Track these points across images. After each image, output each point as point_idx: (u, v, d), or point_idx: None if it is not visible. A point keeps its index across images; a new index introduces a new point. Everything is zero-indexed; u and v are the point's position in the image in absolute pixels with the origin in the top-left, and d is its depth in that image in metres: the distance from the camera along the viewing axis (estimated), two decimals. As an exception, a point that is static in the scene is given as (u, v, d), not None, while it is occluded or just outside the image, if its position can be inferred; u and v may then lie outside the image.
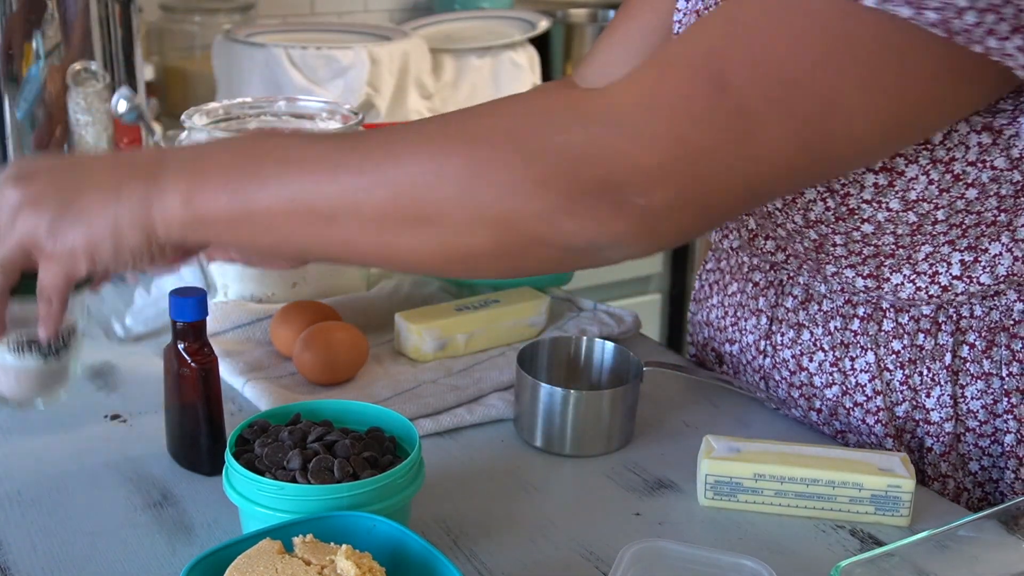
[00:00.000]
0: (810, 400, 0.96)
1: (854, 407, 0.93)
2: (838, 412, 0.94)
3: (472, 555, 0.80)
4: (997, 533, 0.79)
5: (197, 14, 2.18)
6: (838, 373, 0.93)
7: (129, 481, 0.88)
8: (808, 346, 0.95)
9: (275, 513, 0.73)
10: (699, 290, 1.10)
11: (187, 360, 0.86)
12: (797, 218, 0.85)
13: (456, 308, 1.09)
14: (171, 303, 0.86)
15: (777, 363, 0.97)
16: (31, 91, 1.13)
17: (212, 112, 1.18)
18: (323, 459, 0.76)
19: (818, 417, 0.96)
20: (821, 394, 0.95)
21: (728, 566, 0.73)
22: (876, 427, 0.92)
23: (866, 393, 0.92)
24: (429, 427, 0.95)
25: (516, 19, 2.30)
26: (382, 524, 0.71)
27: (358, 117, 1.17)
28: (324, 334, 1.01)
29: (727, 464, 0.84)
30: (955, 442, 0.90)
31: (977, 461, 0.91)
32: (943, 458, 0.91)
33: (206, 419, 0.87)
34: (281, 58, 1.90)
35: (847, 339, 0.92)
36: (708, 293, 1.07)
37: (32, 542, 0.80)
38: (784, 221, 0.87)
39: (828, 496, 0.83)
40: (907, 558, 0.75)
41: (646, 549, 0.73)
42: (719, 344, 1.05)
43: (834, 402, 0.94)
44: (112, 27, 1.17)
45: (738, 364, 1.02)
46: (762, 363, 0.99)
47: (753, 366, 1.00)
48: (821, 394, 0.95)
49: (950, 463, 0.91)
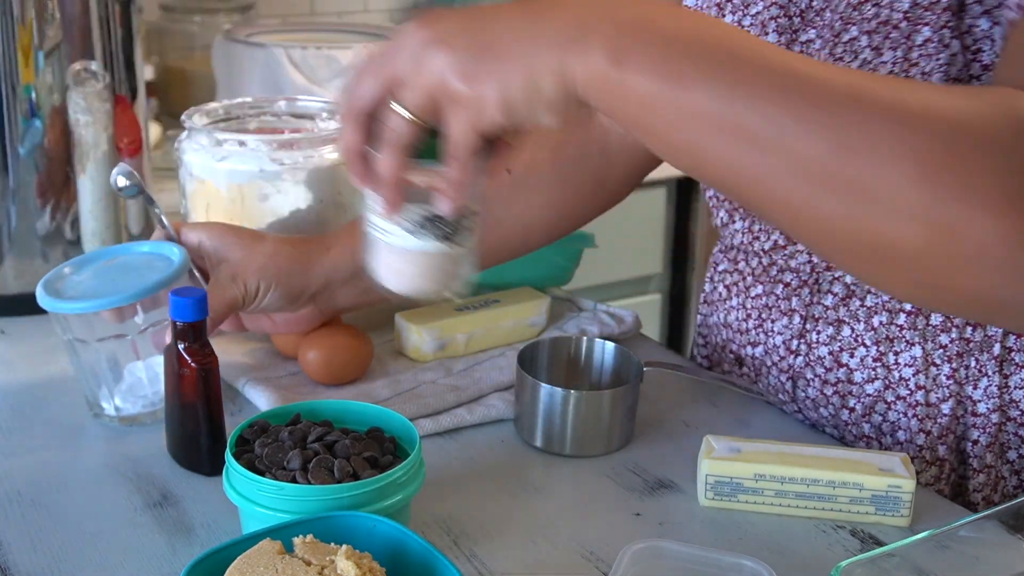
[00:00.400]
0: (844, 398, 0.96)
1: (896, 401, 0.93)
2: (876, 408, 0.94)
3: (472, 555, 0.80)
4: (998, 533, 0.79)
5: (197, 14, 2.18)
6: (881, 368, 0.93)
7: (129, 481, 0.88)
8: (848, 342, 0.95)
9: (275, 513, 0.73)
10: (711, 292, 1.09)
11: (187, 360, 0.86)
12: None
13: (456, 308, 1.09)
14: (171, 303, 0.86)
15: (811, 361, 0.97)
16: (32, 92, 1.13)
17: (212, 112, 1.18)
18: (323, 459, 0.76)
19: (850, 416, 0.96)
20: (860, 390, 0.95)
21: (728, 566, 0.73)
22: (913, 421, 0.92)
23: (909, 387, 0.92)
24: (429, 427, 0.95)
25: (516, 19, 2.30)
26: (382, 524, 0.71)
27: (358, 117, 1.17)
28: (331, 334, 1.01)
29: (727, 464, 0.84)
30: (998, 432, 0.91)
31: (1016, 450, 0.92)
32: (989, 449, 0.91)
33: (206, 419, 0.87)
34: (281, 58, 1.90)
35: (892, 334, 0.92)
36: (725, 295, 1.06)
37: (32, 542, 0.80)
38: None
39: (828, 496, 0.83)
40: (907, 558, 0.75)
41: (646, 549, 0.73)
42: (739, 347, 1.05)
43: (874, 398, 0.94)
44: (112, 27, 1.17)
45: (761, 366, 1.02)
46: (792, 363, 0.99)
47: (780, 367, 1.00)
48: (860, 390, 0.95)
49: (993, 453, 0.92)
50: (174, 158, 1.16)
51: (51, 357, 1.07)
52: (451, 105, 0.66)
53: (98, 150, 1.18)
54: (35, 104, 1.14)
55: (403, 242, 0.73)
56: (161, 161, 1.76)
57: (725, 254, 1.06)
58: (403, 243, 0.73)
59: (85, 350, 0.94)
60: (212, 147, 1.10)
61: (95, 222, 1.19)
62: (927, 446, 0.92)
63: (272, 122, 1.22)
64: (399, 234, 0.73)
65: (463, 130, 0.66)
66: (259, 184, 1.09)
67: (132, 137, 1.22)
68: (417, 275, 0.74)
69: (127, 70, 1.20)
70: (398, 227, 0.73)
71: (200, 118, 1.15)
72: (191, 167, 1.12)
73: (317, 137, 1.12)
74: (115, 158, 1.19)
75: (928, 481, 0.93)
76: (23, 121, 1.14)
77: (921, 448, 0.92)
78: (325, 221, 1.12)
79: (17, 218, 1.17)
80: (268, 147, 1.09)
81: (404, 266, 0.74)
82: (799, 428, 0.99)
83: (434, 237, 0.73)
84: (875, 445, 0.95)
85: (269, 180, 1.09)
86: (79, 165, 1.17)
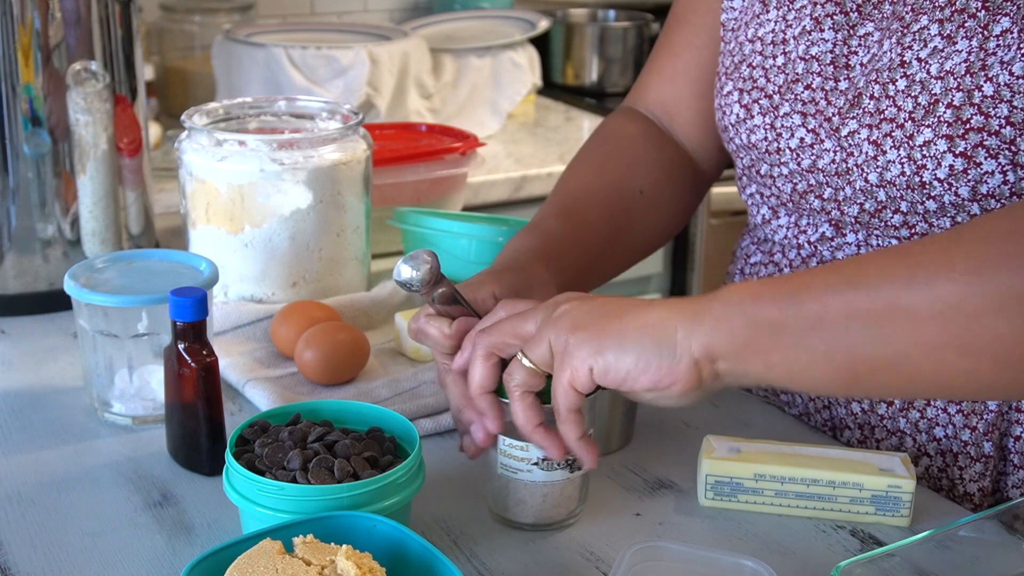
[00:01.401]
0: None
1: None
2: (914, 404, 0.94)
3: (472, 555, 0.80)
4: (997, 533, 0.79)
5: (197, 14, 2.18)
6: None
7: (129, 481, 0.88)
8: None
9: (275, 513, 0.73)
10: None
11: (187, 360, 0.86)
12: (872, 176, 0.87)
13: (456, 308, 1.09)
14: (171, 303, 0.86)
15: None
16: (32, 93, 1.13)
17: (212, 112, 1.18)
18: (323, 459, 0.76)
19: (887, 410, 0.95)
20: None
21: (728, 566, 0.73)
22: (957, 417, 0.92)
23: None
24: (429, 427, 0.95)
25: (516, 19, 2.30)
26: (382, 524, 0.71)
27: (358, 117, 1.17)
28: (326, 334, 1.01)
29: (727, 464, 0.84)
30: None
31: None
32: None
33: (206, 419, 0.87)
34: (281, 58, 1.90)
35: None
36: None
37: (32, 542, 0.80)
38: (857, 177, 0.88)
39: (828, 496, 0.83)
40: (907, 558, 0.75)
41: (646, 549, 0.73)
42: None
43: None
44: (112, 27, 1.16)
45: None
46: None
47: None
48: None
49: None
50: (174, 158, 1.16)
51: (51, 357, 1.08)
52: (565, 371, 0.74)
53: (98, 150, 1.18)
54: (35, 104, 1.14)
55: (531, 476, 0.81)
56: (161, 161, 1.76)
57: (759, 246, 1.05)
58: (531, 477, 0.81)
59: (108, 345, 0.94)
60: (212, 147, 1.11)
61: (95, 222, 1.20)
62: (972, 442, 0.92)
63: (272, 122, 1.22)
64: (527, 468, 0.81)
65: (566, 391, 0.75)
66: (259, 184, 1.09)
67: (132, 137, 1.22)
68: (546, 505, 0.82)
69: (127, 70, 1.20)
70: (525, 463, 0.81)
71: (200, 118, 1.15)
72: (191, 167, 1.12)
73: (317, 137, 1.12)
74: (115, 158, 1.19)
75: (972, 477, 0.92)
76: (23, 121, 1.14)
77: (966, 444, 0.92)
78: (325, 221, 1.12)
79: (17, 218, 1.17)
80: (268, 147, 1.09)
81: (530, 497, 0.81)
82: (799, 428, 0.99)
83: (558, 467, 0.81)
84: (908, 442, 0.94)
85: (269, 180, 1.09)
86: (79, 165, 1.17)
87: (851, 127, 0.89)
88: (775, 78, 0.95)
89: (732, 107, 0.98)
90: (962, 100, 0.82)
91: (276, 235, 1.11)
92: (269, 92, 1.88)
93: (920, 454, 0.94)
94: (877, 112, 0.87)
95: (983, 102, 0.81)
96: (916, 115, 0.84)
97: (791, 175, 0.95)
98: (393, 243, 1.31)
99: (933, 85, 0.84)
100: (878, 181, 0.87)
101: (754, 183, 1.01)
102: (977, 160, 0.82)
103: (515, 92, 2.15)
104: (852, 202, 0.91)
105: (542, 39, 2.34)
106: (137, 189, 1.23)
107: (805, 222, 0.98)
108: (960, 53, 0.83)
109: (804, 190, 0.95)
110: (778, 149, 0.95)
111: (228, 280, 1.13)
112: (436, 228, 1.18)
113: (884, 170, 0.86)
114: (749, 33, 0.98)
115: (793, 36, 0.94)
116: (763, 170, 0.98)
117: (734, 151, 1.01)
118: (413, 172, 1.37)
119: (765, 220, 1.02)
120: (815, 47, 0.93)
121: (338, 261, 1.15)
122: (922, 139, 0.84)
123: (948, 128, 0.82)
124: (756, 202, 1.03)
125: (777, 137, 0.95)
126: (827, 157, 0.91)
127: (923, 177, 0.84)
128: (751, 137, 0.97)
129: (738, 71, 0.98)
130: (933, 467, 0.93)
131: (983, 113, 0.81)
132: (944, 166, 0.83)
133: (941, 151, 0.83)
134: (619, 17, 2.46)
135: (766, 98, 0.95)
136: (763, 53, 0.96)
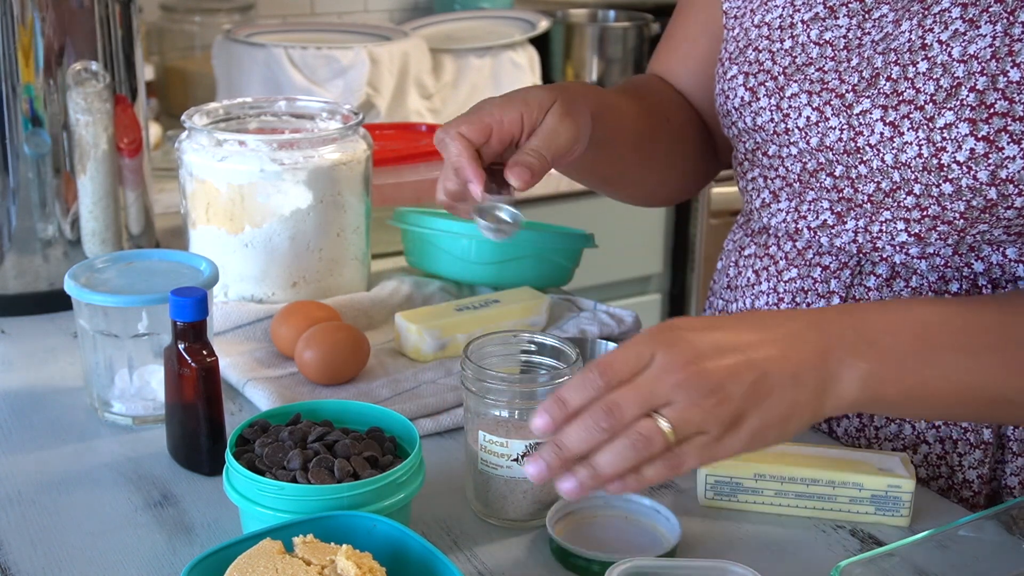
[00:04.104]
0: None
1: None
2: None
3: (472, 555, 0.80)
4: (997, 533, 0.79)
5: (197, 14, 2.18)
6: None
7: (129, 481, 0.88)
8: None
9: (275, 513, 0.73)
10: (735, 278, 1.07)
11: (187, 360, 0.86)
12: (888, 156, 0.87)
13: (456, 308, 1.09)
14: (171, 303, 0.86)
15: None
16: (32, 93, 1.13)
17: (212, 112, 1.18)
18: (323, 459, 0.76)
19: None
20: None
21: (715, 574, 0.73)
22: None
23: None
24: (429, 427, 0.95)
25: (516, 19, 2.31)
26: (382, 524, 0.71)
27: (358, 117, 1.17)
28: (326, 334, 1.01)
29: (727, 464, 0.84)
30: None
31: None
32: None
33: (206, 419, 0.87)
34: (281, 58, 1.91)
35: None
36: (754, 280, 1.05)
37: (32, 542, 0.80)
38: (873, 157, 0.88)
39: (828, 496, 0.83)
40: (907, 558, 0.75)
41: (629, 570, 0.72)
42: None
43: None
44: (112, 27, 1.17)
45: None
46: None
47: None
48: None
49: None
50: (174, 158, 1.16)
51: (51, 357, 1.08)
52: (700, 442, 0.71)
53: (98, 150, 1.18)
54: (35, 104, 1.14)
55: (511, 472, 0.81)
56: (161, 161, 1.76)
57: (753, 238, 1.05)
58: (511, 473, 0.81)
59: (108, 346, 0.94)
60: (212, 147, 1.11)
61: (95, 222, 1.20)
62: (971, 429, 0.92)
63: (272, 122, 1.22)
64: (507, 464, 0.81)
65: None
66: (259, 184, 1.09)
67: (132, 137, 1.22)
68: (526, 501, 0.82)
69: (127, 70, 1.20)
70: (504, 459, 0.81)
71: (200, 118, 1.15)
72: (191, 167, 1.12)
73: (317, 137, 1.12)
74: (115, 158, 1.19)
75: (971, 464, 0.92)
76: (23, 121, 1.14)
77: (965, 431, 0.92)
78: (325, 221, 1.12)
79: (17, 218, 1.17)
80: (268, 147, 1.09)
81: (511, 493, 0.82)
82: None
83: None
84: (907, 429, 0.94)
85: (269, 180, 1.09)
86: (79, 165, 1.17)
87: (864, 106, 0.89)
88: (781, 60, 0.95)
89: (736, 91, 0.98)
90: (986, 84, 0.82)
91: (276, 235, 1.11)
92: (269, 92, 1.88)
93: (919, 441, 0.94)
94: (895, 94, 0.87)
95: (1008, 87, 0.82)
96: (938, 97, 0.84)
97: (800, 155, 0.95)
98: (393, 243, 1.31)
99: (956, 68, 0.84)
100: (893, 162, 0.87)
101: (757, 167, 1.01)
102: (1000, 144, 0.82)
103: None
104: (868, 180, 0.90)
105: (542, 39, 2.34)
106: (137, 189, 1.23)
107: (806, 208, 0.97)
108: (984, 37, 0.83)
109: (814, 169, 0.94)
110: (786, 130, 0.95)
111: (228, 280, 1.13)
112: (436, 228, 1.18)
113: (900, 151, 0.86)
114: (756, 19, 0.99)
115: (802, 20, 0.94)
116: (771, 151, 0.97)
117: (736, 136, 1.01)
118: (413, 172, 1.37)
119: (764, 204, 1.02)
120: (828, 32, 0.93)
121: (338, 261, 1.15)
122: (943, 122, 0.84)
123: (971, 112, 0.83)
124: (757, 187, 1.03)
125: (784, 118, 0.94)
126: (833, 135, 0.91)
127: (941, 160, 0.84)
128: (757, 120, 0.97)
129: (743, 55, 0.98)
130: (932, 454, 0.93)
131: (1007, 99, 0.82)
132: (965, 149, 0.83)
133: (963, 134, 0.83)
134: (619, 17, 2.46)
135: (772, 80, 0.95)
136: (770, 38, 0.97)
